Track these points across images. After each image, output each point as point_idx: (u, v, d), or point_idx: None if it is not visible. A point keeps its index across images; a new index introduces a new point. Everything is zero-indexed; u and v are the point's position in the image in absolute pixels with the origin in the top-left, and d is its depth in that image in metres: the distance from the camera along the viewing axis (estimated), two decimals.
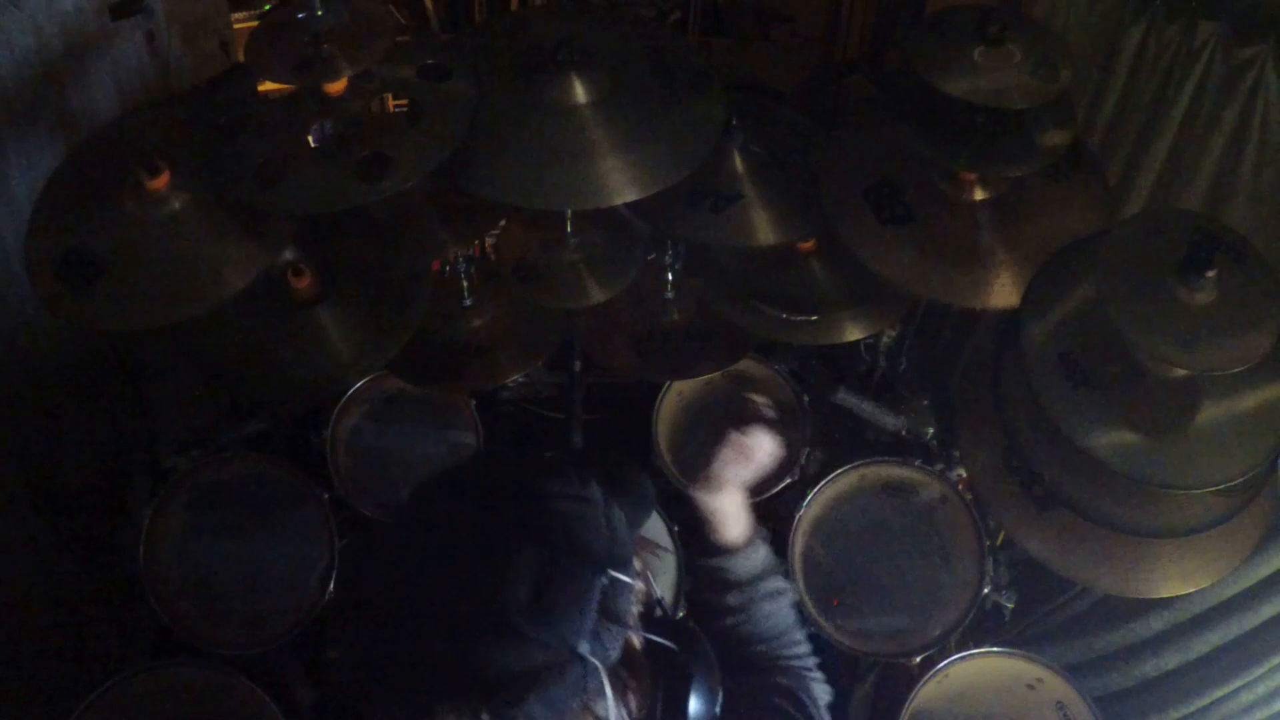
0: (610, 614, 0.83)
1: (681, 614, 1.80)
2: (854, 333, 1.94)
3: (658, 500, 1.93)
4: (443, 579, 0.82)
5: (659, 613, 0.95)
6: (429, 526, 0.87)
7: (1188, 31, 1.86)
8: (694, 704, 0.92)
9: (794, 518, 1.89)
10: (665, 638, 0.92)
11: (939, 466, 1.97)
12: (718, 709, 0.95)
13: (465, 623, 0.79)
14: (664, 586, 1.89)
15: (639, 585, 0.89)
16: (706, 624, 1.24)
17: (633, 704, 0.87)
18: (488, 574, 0.80)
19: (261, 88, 1.64)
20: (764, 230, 1.79)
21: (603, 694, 0.81)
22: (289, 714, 1.73)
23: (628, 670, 0.86)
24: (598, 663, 0.81)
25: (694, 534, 1.35)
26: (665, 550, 1.90)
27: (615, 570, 0.84)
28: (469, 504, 0.87)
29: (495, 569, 0.80)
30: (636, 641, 0.89)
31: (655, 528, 1.92)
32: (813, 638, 1.78)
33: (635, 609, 0.88)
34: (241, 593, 1.85)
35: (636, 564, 0.90)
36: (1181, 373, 1.40)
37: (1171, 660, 2.07)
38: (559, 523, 0.84)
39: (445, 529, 0.86)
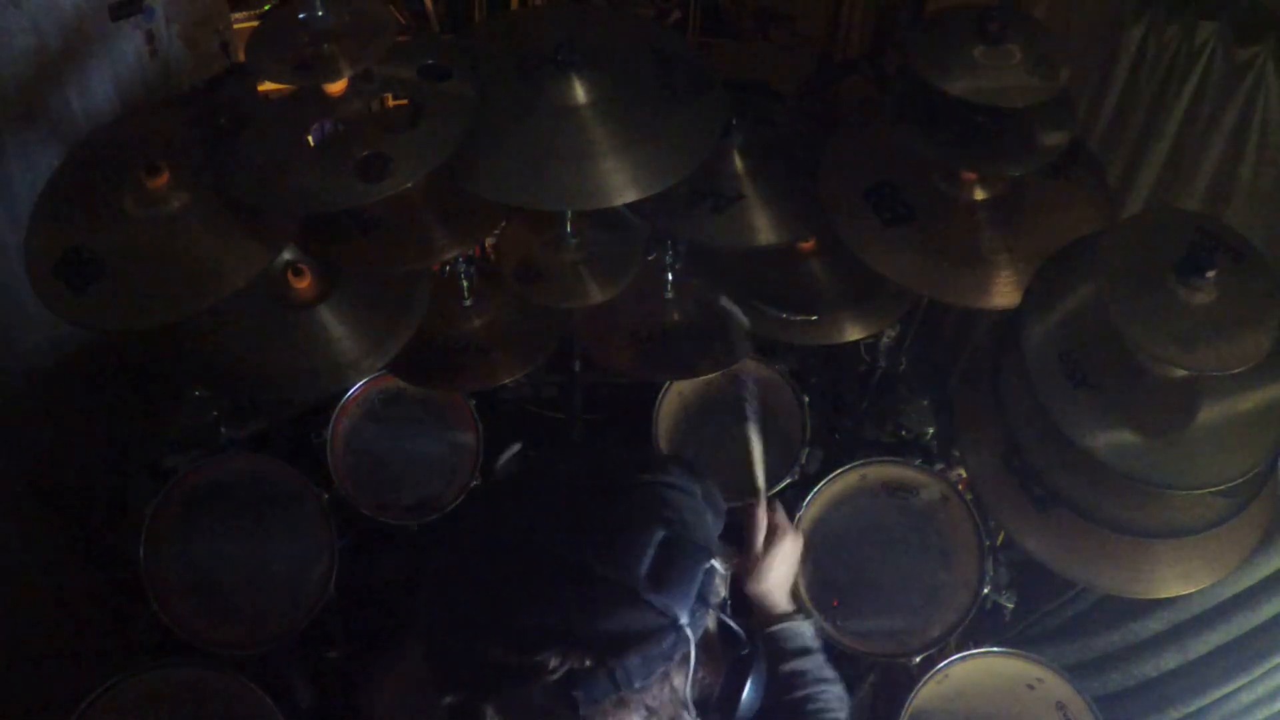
0: (704, 595, 0.92)
1: None
2: (854, 333, 1.94)
3: None
4: (577, 536, 0.89)
5: (729, 603, 1.04)
6: (559, 485, 0.96)
7: (1188, 31, 1.86)
8: (749, 691, 1.02)
9: (794, 518, 1.89)
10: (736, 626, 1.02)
11: (939, 466, 1.97)
12: (762, 696, 1.05)
13: (596, 580, 0.87)
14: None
15: (724, 574, 0.98)
16: (776, 697, 1.32)
17: (703, 680, 0.96)
18: (623, 541, 0.89)
19: (261, 88, 1.64)
20: (764, 230, 1.79)
21: (685, 666, 0.91)
22: (289, 714, 1.73)
23: (704, 649, 0.94)
24: (690, 635, 0.90)
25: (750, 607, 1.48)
26: (732, 553, 1.91)
27: (714, 559, 0.94)
28: (598, 472, 0.98)
29: (629, 538, 0.89)
30: (713, 626, 0.99)
31: None
32: None
33: (719, 595, 0.97)
34: (241, 593, 1.85)
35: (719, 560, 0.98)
36: (1181, 373, 1.40)
37: (1171, 660, 2.07)
38: (674, 509, 0.94)
39: (578, 489, 0.95)
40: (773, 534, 1.51)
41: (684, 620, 0.89)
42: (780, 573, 1.49)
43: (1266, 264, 1.39)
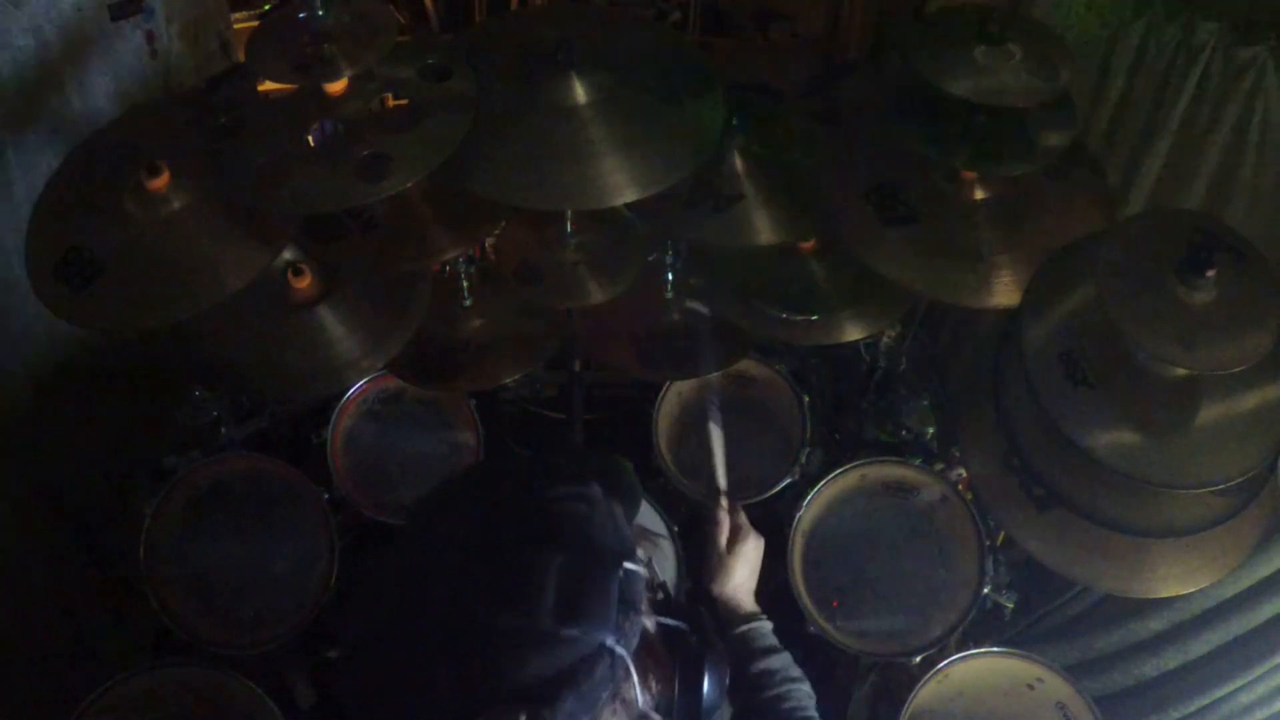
0: (627, 603, 0.86)
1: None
2: (854, 333, 1.94)
3: (659, 497, 1.95)
4: (468, 594, 0.83)
5: (662, 596, 0.98)
6: (443, 542, 0.88)
7: (1188, 31, 1.86)
8: (708, 683, 0.96)
9: (794, 518, 1.89)
10: (673, 619, 0.96)
11: (939, 466, 1.97)
12: (726, 683, 0.99)
13: (499, 635, 0.81)
14: (666, 575, 1.89)
15: (645, 573, 0.92)
16: (748, 696, 1.31)
17: (654, 686, 0.90)
18: (515, 585, 0.83)
19: (261, 88, 1.64)
20: (764, 230, 1.79)
21: (630, 680, 0.85)
22: (289, 714, 1.73)
23: (647, 655, 0.89)
24: (623, 652, 0.84)
25: (713, 609, 1.46)
26: (662, 538, 1.91)
27: (627, 561, 0.88)
28: (481, 515, 0.90)
29: (522, 579, 0.83)
30: (650, 626, 0.93)
31: (651, 518, 1.92)
32: (813, 638, 1.80)
33: (645, 595, 0.91)
34: (241, 593, 1.85)
35: (640, 553, 0.93)
36: (1181, 373, 1.40)
37: (1171, 660, 2.07)
38: (570, 524, 0.87)
39: (461, 543, 0.87)
40: (735, 534, 1.52)
41: (610, 640, 0.83)
42: (743, 573, 1.48)
43: (1266, 264, 1.39)
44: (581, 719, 0.81)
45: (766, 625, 1.42)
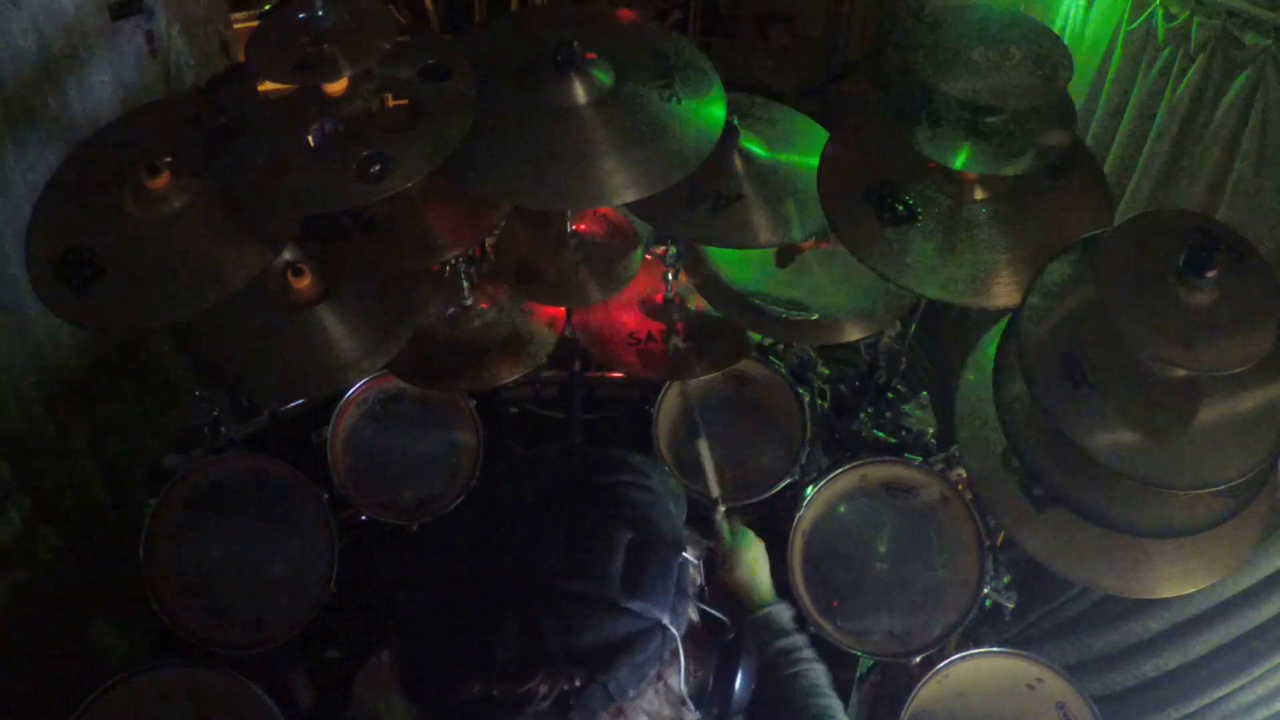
0: (682, 589, 0.92)
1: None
2: (854, 333, 1.94)
3: None
4: (544, 555, 0.88)
5: (705, 593, 1.02)
6: (523, 503, 0.93)
7: (1187, 31, 1.86)
8: (741, 676, 1.02)
9: (794, 518, 1.89)
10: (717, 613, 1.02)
11: (939, 466, 1.97)
12: (755, 678, 1.06)
13: (569, 598, 0.85)
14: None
15: (696, 564, 0.97)
16: (767, 673, 1.34)
17: (694, 673, 0.95)
18: (589, 554, 0.88)
19: (261, 88, 1.64)
20: (764, 230, 1.79)
21: (676, 662, 0.90)
22: (289, 714, 1.73)
23: (690, 642, 0.94)
24: (675, 632, 0.89)
25: (734, 602, 1.51)
26: (699, 539, 1.92)
27: (684, 551, 0.93)
28: (559, 485, 0.95)
29: (596, 549, 0.88)
30: (695, 616, 0.97)
31: None
32: (813, 638, 1.80)
33: (694, 585, 0.96)
34: (241, 593, 1.85)
35: (690, 550, 0.97)
36: (1181, 373, 1.40)
37: (1171, 660, 2.07)
38: (639, 509, 0.93)
39: (540, 506, 0.92)
40: (734, 530, 1.56)
41: (666, 619, 0.88)
42: (751, 556, 1.52)
43: (1266, 264, 1.39)
44: (630, 691, 0.86)
45: (786, 610, 1.46)
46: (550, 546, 0.88)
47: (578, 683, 0.83)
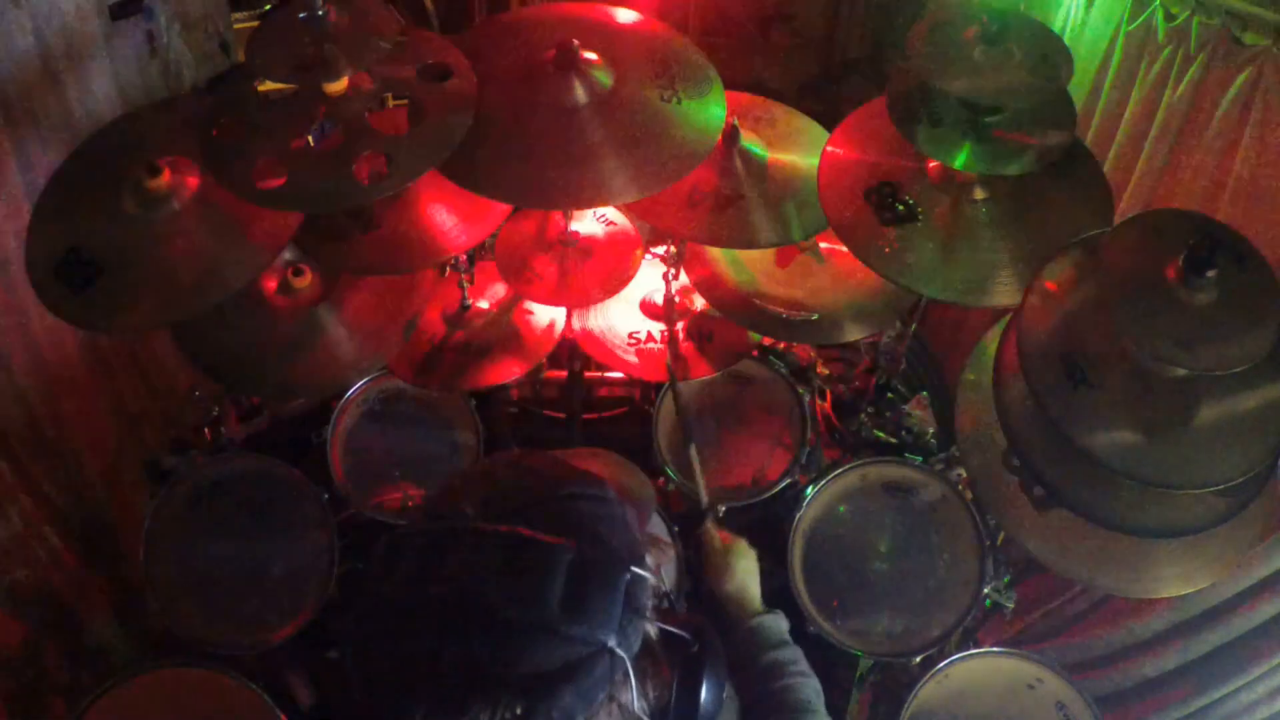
0: (633, 607, 0.87)
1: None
2: (854, 333, 1.94)
3: (658, 499, 1.96)
4: (479, 580, 0.84)
5: (666, 605, 0.98)
6: (459, 525, 0.89)
7: (1187, 31, 1.86)
8: (706, 691, 0.96)
9: (794, 517, 1.89)
10: (676, 628, 0.96)
11: (939, 466, 1.97)
12: (724, 695, 0.99)
13: (504, 625, 0.82)
14: (668, 576, 1.90)
15: (653, 579, 0.92)
16: (757, 687, 1.31)
17: (651, 693, 0.90)
18: (526, 577, 0.83)
19: (261, 88, 1.64)
20: (764, 230, 1.79)
21: (628, 683, 0.86)
22: (289, 714, 1.73)
23: (647, 660, 0.90)
24: (624, 654, 0.85)
25: (722, 609, 1.47)
26: (667, 544, 1.91)
27: (635, 566, 0.88)
28: (497, 501, 0.90)
29: (533, 572, 0.83)
30: (653, 632, 0.93)
31: (655, 524, 1.92)
32: (813, 637, 1.80)
33: (651, 601, 0.92)
34: (241, 593, 1.85)
35: (649, 559, 0.93)
36: (1181, 373, 1.40)
37: (1171, 660, 2.07)
38: (585, 522, 0.88)
39: (476, 528, 0.87)
40: (726, 537, 1.54)
41: (612, 642, 0.84)
42: (743, 566, 1.49)
43: (1266, 264, 1.39)
44: (577, 717, 0.82)
45: (780, 621, 1.43)
46: (486, 569, 0.84)
47: (519, 710, 0.80)
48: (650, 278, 2.10)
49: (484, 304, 2.07)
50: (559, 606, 0.82)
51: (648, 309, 2.13)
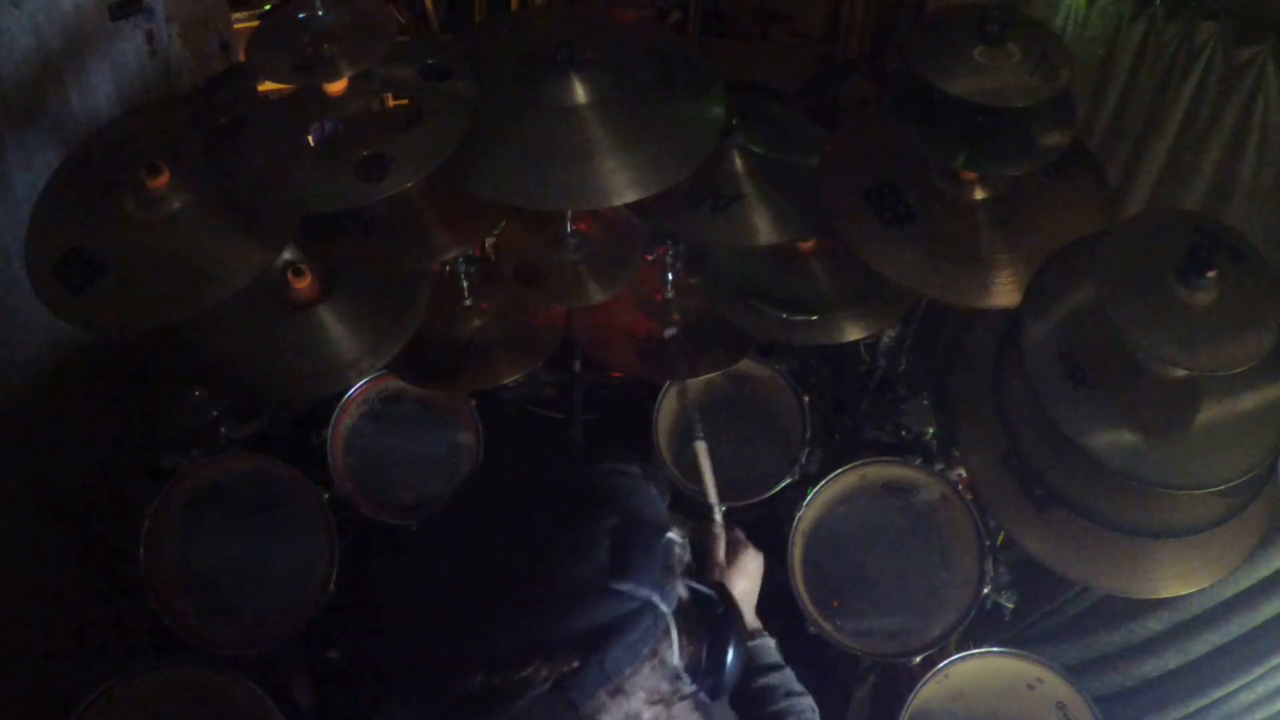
0: (669, 568, 0.95)
1: None
2: (854, 333, 1.94)
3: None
4: (532, 546, 0.91)
5: (695, 568, 1.06)
6: (506, 497, 0.97)
7: (1188, 31, 1.86)
8: (732, 650, 1.03)
9: (794, 518, 1.89)
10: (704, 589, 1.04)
11: (939, 466, 1.97)
12: (746, 652, 1.09)
13: (559, 585, 0.88)
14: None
15: (681, 545, 1.00)
16: (750, 712, 1.33)
17: (687, 648, 0.98)
18: (575, 541, 0.91)
19: (261, 88, 1.64)
20: (764, 230, 1.79)
21: (669, 638, 0.94)
22: (289, 714, 1.73)
23: (681, 618, 0.97)
24: (666, 609, 0.92)
25: None
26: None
27: (668, 531, 0.96)
28: (541, 476, 0.99)
29: (581, 536, 0.91)
30: (684, 593, 1.00)
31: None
32: (813, 638, 1.81)
33: (680, 567, 0.99)
34: (241, 593, 1.85)
35: (675, 530, 1.00)
36: (1181, 373, 1.40)
37: (1171, 660, 2.07)
38: (622, 495, 0.96)
39: (523, 499, 0.95)
40: (732, 549, 1.50)
41: (655, 598, 0.91)
42: (743, 587, 1.47)
43: (1266, 264, 1.39)
44: (625, 669, 0.89)
45: (770, 642, 1.42)
46: (539, 536, 0.91)
47: (575, 664, 0.86)
48: (650, 278, 2.10)
49: (484, 304, 2.07)
50: (607, 567, 0.89)
51: (648, 309, 2.13)
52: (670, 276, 2.07)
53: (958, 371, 2.43)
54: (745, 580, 1.48)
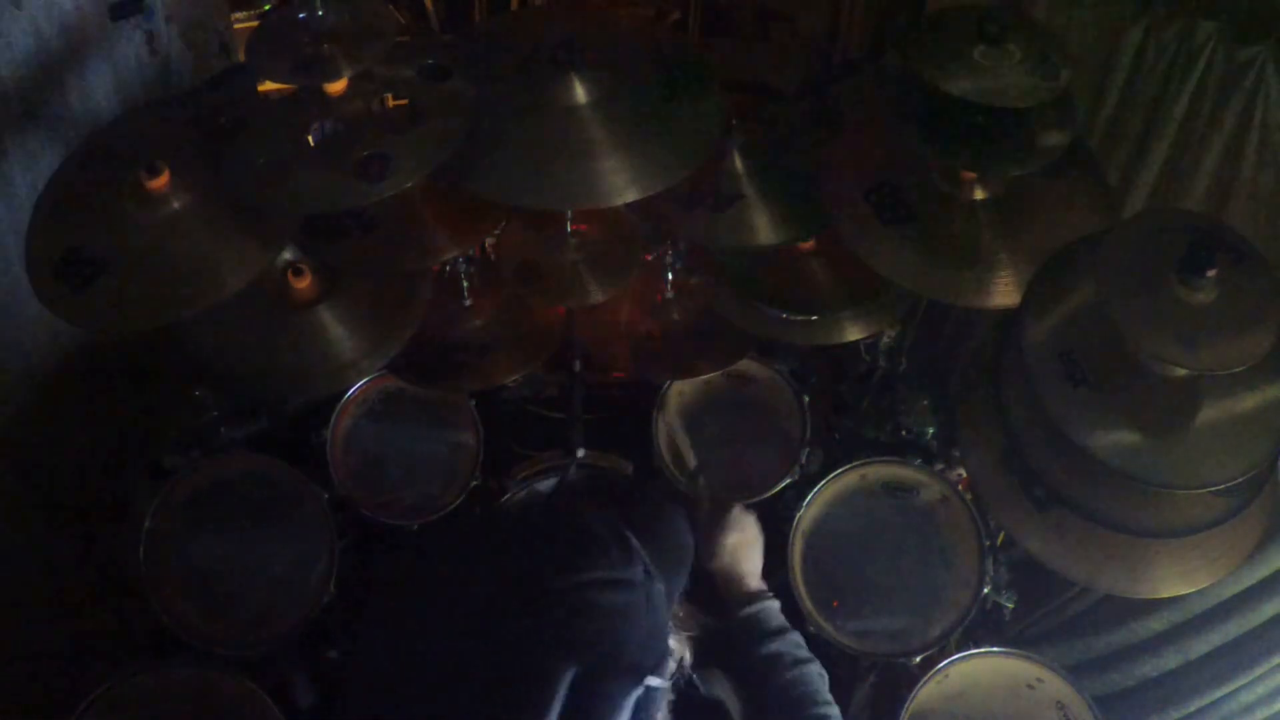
0: None
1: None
2: (854, 333, 1.94)
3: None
4: (473, 699, 0.79)
5: (684, 683, 0.94)
6: (457, 620, 0.83)
7: (1188, 31, 1.86)
8: None
9: (794, 518, 1.89)
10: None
11: (939, 466, 1.97)
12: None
13: None
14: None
15: (668, 687, 0.87)
16: (757, 684, 1.25)
17: None
18: (525, 699, 0.78)
19: (261, 88, 1.64)
20: (764, 230, 1.79)
21: None
22: (289, 714, 1.73)
23: None
24: None
25: (716, 597, 1.40)
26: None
27: (651, 676, 0.83)
28: (507, 596, 0.83)
29: (533, 693, 0.78)
30: None
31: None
32: (813, 638, 1.81)
33: (662, 714, 0.87)
34: (241, 593, 1.85)
35: (671, 641, 0.89)
36: (1181, 373, 1.40)
37: (1171, 660, 2.07)
38: (599, 624, 0.82)
39: (475, 630, 0.82)
40: (715, 506, 1.45)
41: None
42: (733, 541, 1.40)
43: (1266, 264, 1.38)
44: None
45: (774, 604, 1.35)
46: (479, 687, 0.79)
47: None
48: (650, 278, 2.10)
49: (484, 304, 2.07)
50: None
51: (647, 309, 2.13)
52: (670, 276, 2.07)
53: (958, 371, 2.43)
54: (735, 534, 1.41)
